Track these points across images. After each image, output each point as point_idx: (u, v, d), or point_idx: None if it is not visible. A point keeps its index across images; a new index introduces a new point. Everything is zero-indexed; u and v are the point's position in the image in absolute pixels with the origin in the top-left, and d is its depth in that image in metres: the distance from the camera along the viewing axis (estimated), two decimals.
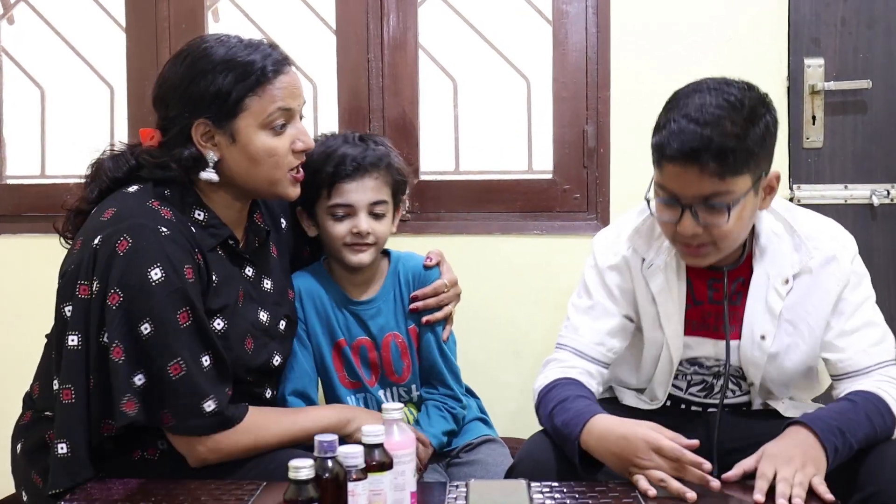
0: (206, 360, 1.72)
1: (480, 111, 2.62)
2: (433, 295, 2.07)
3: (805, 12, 2.44)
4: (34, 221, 2.64)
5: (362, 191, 1.97)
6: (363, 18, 2.55)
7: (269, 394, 1.93)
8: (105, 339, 1.68)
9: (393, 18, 2.55)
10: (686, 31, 2.46)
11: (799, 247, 1.82)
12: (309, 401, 2.02)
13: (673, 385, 1.93)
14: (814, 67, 2.44)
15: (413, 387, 2.09)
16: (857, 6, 2.44)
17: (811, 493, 1.56)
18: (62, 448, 1.70)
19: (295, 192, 1.85)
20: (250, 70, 1.75)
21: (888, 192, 2.46)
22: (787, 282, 1.82)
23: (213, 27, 2.64)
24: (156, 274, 1.67)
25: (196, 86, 1.75)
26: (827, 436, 1.62)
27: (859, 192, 2.46)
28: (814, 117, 2.45)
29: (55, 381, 1.74)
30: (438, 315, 2.07)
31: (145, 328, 1.67)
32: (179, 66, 1.78)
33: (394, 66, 2.56)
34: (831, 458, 1.61)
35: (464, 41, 2.60)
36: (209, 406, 1.70)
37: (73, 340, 1.70)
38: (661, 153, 1.71)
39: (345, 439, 1.76)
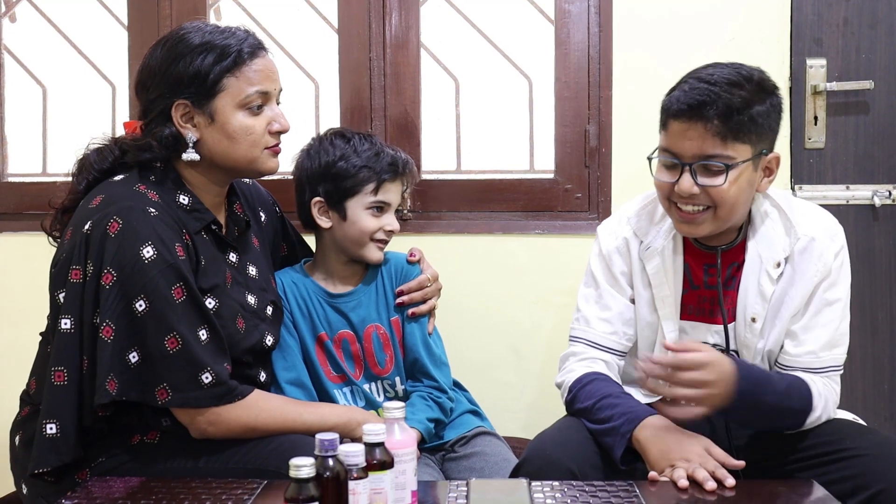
0: (203, 334, 1.75)
1: (482, 110, 2.62)
2: (418, 289, 2.13)
3: (807, 12, 2.44)
4: (36, 219, 2.57)
5: (398, 192, 2.11)
6: (365, 17, 2.55)
7: (262, 377, 1.95)
8: (97, 321, 1.70)
9: (395, 17, 2.55)
10: (688, 31, 2.46)
11: (789, 230, 1.85)
12: (307, 391, 2.03)
13: None
14: (816, 68, 2.44)
15: (397, 380, 2.12)
16: (860, 6, 2.44)
17: None
18: (51, 428, 1.72)
19: (274, 164, 1.89)
20: (227, 52, 1.81)
21: (890, 193, 2.45)
22: (778, 265, 1.83)
23: None
24: (148, 252, 1.70)
25: (175, 67, 1.81)
26: (743, 372, 1.68)
27: (861, 193, 2.46)
28: (816, 118, 2.45)
29: (48, 364, 1.76)
30: (423, 308, 2.13)
31: (140, 305, 1.70)
32: (159, 51, 1.85)
33: (396, 65, 2.56)
34: (737, 399, 1.67)
35: (466, 40, 2.60)
36: (206, 378, 1.73)
37: (65, 324, 1.73)
38: (668, 111, 1.79)
39: (349, 436, 1.81)
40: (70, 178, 1.90)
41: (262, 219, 2.10)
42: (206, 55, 1.80)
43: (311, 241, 2.23)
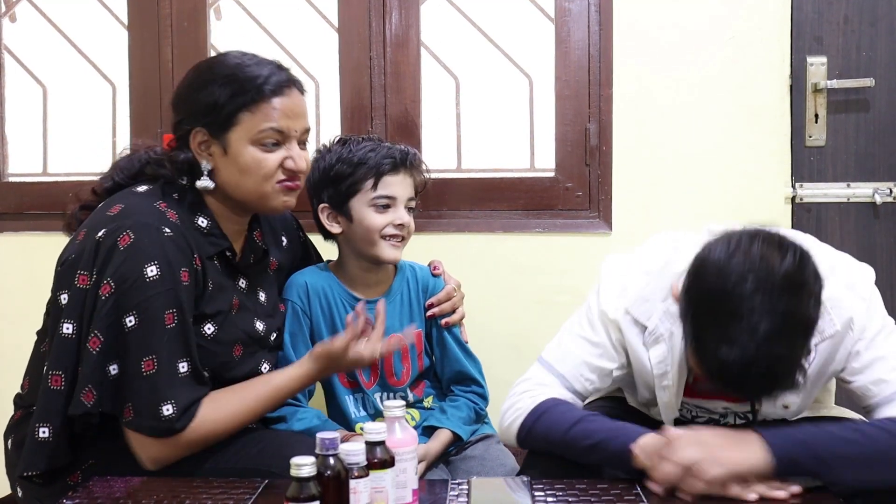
0: (182, 366, 1.72)
1: (482, 109, 2.62)
2: (447, 299, 2.14)
3: (807, 10, 2.44)
4: (36, 219, 2.65)
5: (404, 185, 2.06)
6: (365, 16, 2.55)
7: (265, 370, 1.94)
8: (87, 329, 1.70)
9: (395, 16, 2.55)
10: (689, 30, 2.46)
11: (822, 314, 1.60)
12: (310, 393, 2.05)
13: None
14: (816, 66, 2.44)
15: (409, 392, 2.12)
16: (860, 4, 2.44)
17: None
18: (44, 432, 1.72)
19: (288, 200, 1.86)
20: (248, 87, 1.79)
21: (891, 191, 2.45)
22: (809, 353, 1.63)
23: (215, 25, 2.64)
24: (151, 271, 1.69)
25: (197, 95, 1.81)
26: (777, 442, 1.55)
27: (862, 191, 2.46)
28: (816, 116, 2.45)
29: (45, 367, 1.75)
30: (455, 317, 2.15)
31: (130, 320, 1.69)
32: (192, 74, 1.87)
33: (396, 63, 2.56)
34: (781, 466, 1.54)
35: (466, 39, 2.60)
36: (167, 410, 1.69)
37: (67, 328, 1.72)
38: (710, 375, 1.56)
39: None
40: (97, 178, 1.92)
41: (284, 243, 2.09)
42: (226, 87, 1.79)
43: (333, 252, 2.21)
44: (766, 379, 1.49)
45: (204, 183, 1.82)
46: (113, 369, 1.69)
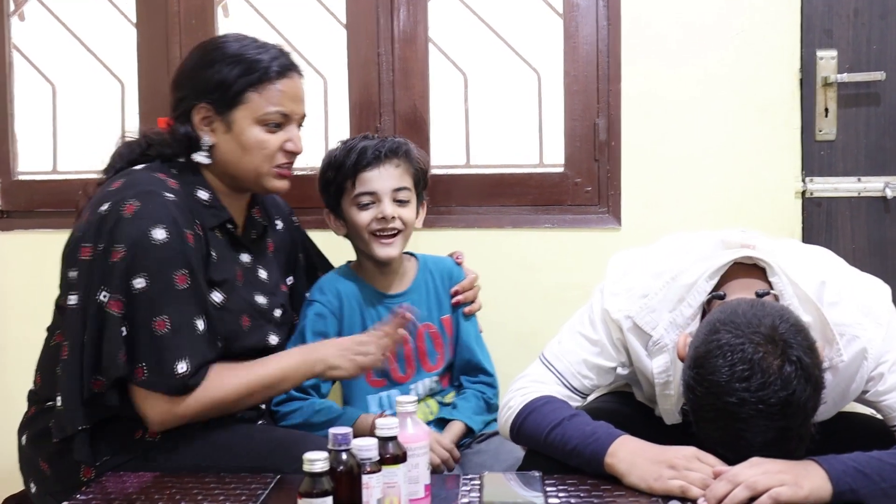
0: (199, 324, 1.76)
1: (491, 105, 2.61)
2: (470, 287, 2.20)
3: (817, 4, 2.42)
4: (46, 217, 2.65)
5: (385, 178, 2.05)
6: (373, 13, 2.55)
7: None
8: (102, 297, 1.72)
9: (403, 12, 2.55)
10: (697, 24, 2.45)
11: (831, 341, 1.64)
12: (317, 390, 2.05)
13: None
14: (826, 59, 2.43)
15: (438, 377, 2.15)
16: None
17: None
18: (58, 402, 1.76)
19: (280, 184, 1.93)
20: (255, 67, 1.86)
21: None
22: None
23: (223, 22, 2.64)
24: (159, 234, 1.73)
25: (204, 72, 1.87)
26: (838, 473, 1.50)
27: (872, 185, 2.45)
28: (826, 109, 2.44)
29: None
30: (476, 306, 2.21)
31: (139, 282, 1.72)
32: (196, 53, 1.92)
33: (404, 60, 2.56)
34: (839, 495, 1.50)
35: (474, 35, 2.59)
36: (180, 368, 1.72)
37: (72, 300, 1.76)
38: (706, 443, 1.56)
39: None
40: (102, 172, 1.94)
41: (279, 226, 2.12)
42: (234, 66, 1.85)
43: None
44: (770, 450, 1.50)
45: (200, 157, 1.88)
46: (123, 331, 1.72)
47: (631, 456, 1.60)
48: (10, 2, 2.72)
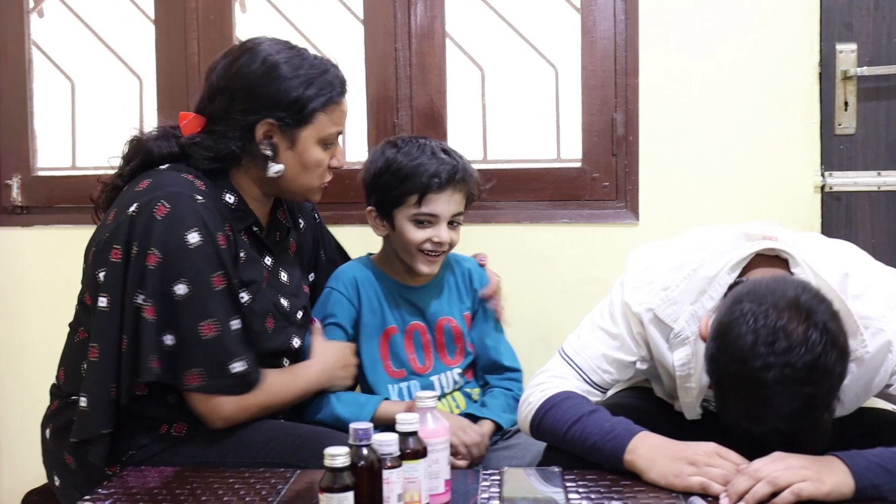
0: (235, 324, 1.77)
1: (508, 100, 2.61)
2: (495, 292, 2.20)
3: None
4: (66, 213, 2.67)
5: (448, 203, 2.04)
6: (390, 8, 2.55)
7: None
8: (140, 301, 1.72)
9: (420, 7, 2.55)
10: (715, 17, 2.44)
11: (854, 333, 1.60)
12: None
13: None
14: (846, 53, 2.41)
15: (461, 371, 2.15)
16: None
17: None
18: (83, 402, 1.76)
19: (319, 197, 1.98)
20: (328, 89, 1.87)
21: None
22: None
23: (241, 18, 2.65)
24: (193, 237, 1.73)
25: (273, 87, 1.84)
26: (860, 468, 1.49)
27: (892, 179, 2.43)
28: (846, 103, 2.42)
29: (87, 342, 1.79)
30: (500, 309, 2.22)
31: (180, 288, 1.72)
32: (256, 64, 1.85)
33: (421, 55, 2.56)
34: (861, 491, 1.49)
35: (491, 30, 2.59)
36: (236, 367, 1.75)
37: (102, 302, 1.76)
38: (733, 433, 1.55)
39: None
40: (122, 154, 1.93)
41: (301, 226, 2.13)
42: (308, 86, 1.84)
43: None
44: (788, 446, 1.50)
45: (277, 168, 1.86)
46: (168, 340, 1.73)
47: (651, 452, 1.59)
48: None
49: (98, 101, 2.75)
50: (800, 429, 1.47)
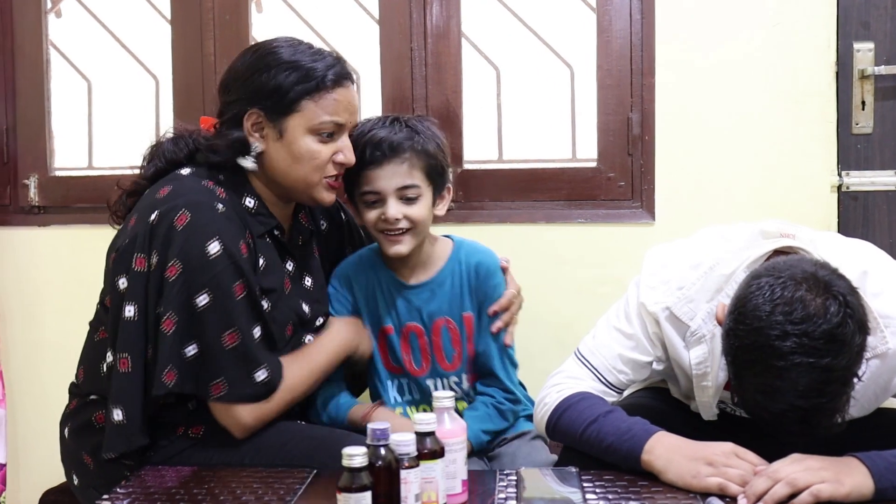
0: (257, 332, 1.77)
1: (524, 99, 2.60)
2: (507, 307, 2.05)
3: None
4: (83, 213, 2.68)
5: (388, 176, 1.93)
6: (406, 7, 2.55)
7: None
8: (159, 311, 1.72)
9: (436, 7, 2.55)
10: (731, 16, 2.43)
11: (874, 330, 1.56)
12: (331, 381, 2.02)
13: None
14: (863, 51, 2.40)
15: (464, 377, 2.06)
16: None
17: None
18: (118, 415, 1.75)
19: (329, 197, 1.90)
20: (312, 75, 1.82)
21: None
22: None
23: (257, 18, 2.65)
24: (214, 248, 1.72)
25: (258, 77, 1.83)
26: (880, 470, 1.48)
27: None
28: (863, 102, 2.41)
29: (108, 353, 1.79)
30: (510, 332, 2.06)
31: (202, 299, 1.72)
32: (249, 56, 1.88)
33: (437, 55, 2.56)
34: (881, 492, 1.48)
35: (507, 29, 2.59)
36: (260, 375, 1.76)
37: (129, 311, 1.75)
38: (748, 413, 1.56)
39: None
40: (142, 161, 1.93)
41: (324, 226, 2.10)
42: (290, 73, 1.81)
43: None
44: (804, 424, 1.47)
45: (247, 163, 1.84)
46: (191, 350, 1.73)
47: (668, 453, 1.59)
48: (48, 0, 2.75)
49: (115, 101, 2.77)
50: (816, 406, 1.44)
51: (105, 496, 1.60)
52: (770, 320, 1.42)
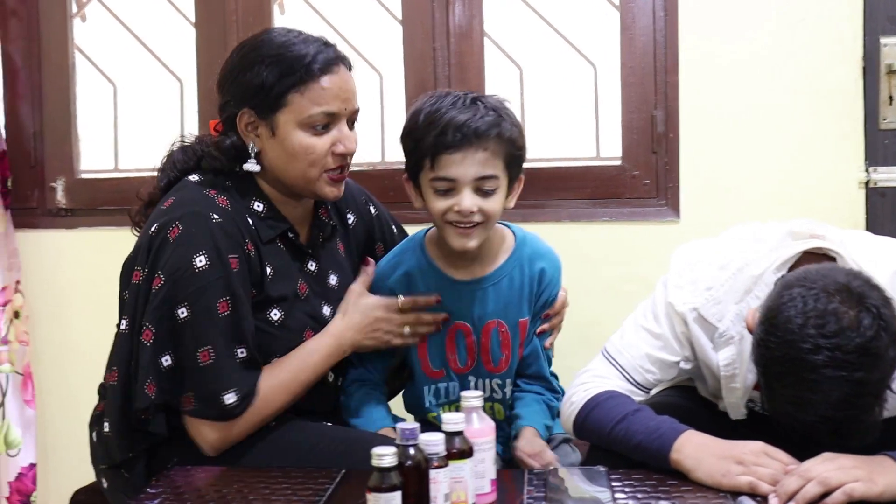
0: (241, 352, 1.73)
1: (547, 98, 2.60)
2: (558, 311, 2.02)
3: None
4: (109, 215, 2.70)
5: (468, 164, 1.75)
6: (429, 7, 2.55)
7: (331, 377, 1.93)
8: (143, 322, 1.72)
9: (458, 7, 2.55)
10: (757, 12, 2.41)
11: None
12: (370, 385, 1.98)
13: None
14: (890, 46, 2.38)
15: (507, 381, 1.97)
16: None
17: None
18: (106, 427, 1.77)
19: (332, 192, 1.83)
20: (296, 66, 1.74)
21: None
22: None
23: (279, 20, 2.67)
24: (200, 261, 1.69)
25: (244, 75, 1.78)
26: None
27: None
28: (891, 97, 2.39)
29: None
30: (554, 335, 2.06)
31: (182, 312, 1.69)
32: (236, 54, 1.83)
33: (460, 54, 2.56)
34: None
35: (529, 28, 2.59)
36: (229, 398, 1.71)
37: (123, 325, 1.76)
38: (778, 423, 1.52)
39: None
40: (157, 173, 1.91)
41: (351, 220, 2.03)
42: (273, 66, 1.74)
43: None
44: (835, 436, 1.46)
45: (250, 166, 1.80)
46: (165, 361, 1.71)
47: (697, 451, 1.58)
48: (73, 4, 2.77)
49: (140, 103, 2.79)
50: (848, 418, 1.43)
51: (136, 497, 1.61)
52: (802, 333, 1.41)
